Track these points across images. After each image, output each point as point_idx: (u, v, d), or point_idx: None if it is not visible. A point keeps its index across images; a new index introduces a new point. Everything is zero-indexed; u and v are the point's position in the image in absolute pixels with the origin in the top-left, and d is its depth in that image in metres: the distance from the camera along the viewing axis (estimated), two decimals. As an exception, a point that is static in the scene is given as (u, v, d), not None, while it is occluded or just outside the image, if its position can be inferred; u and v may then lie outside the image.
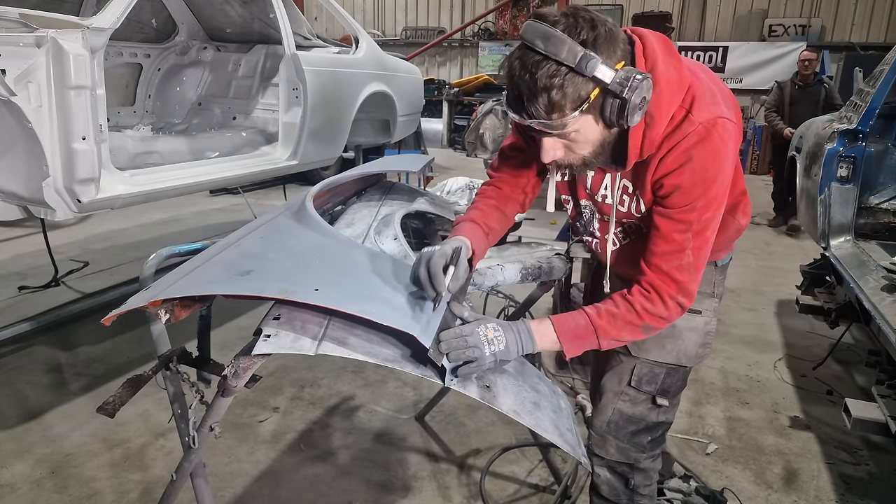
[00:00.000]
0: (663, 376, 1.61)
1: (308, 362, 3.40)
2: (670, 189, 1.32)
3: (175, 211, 6.77)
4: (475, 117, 7.99)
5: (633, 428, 1.64)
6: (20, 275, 4.67)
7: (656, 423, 1.65)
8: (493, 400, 1.23)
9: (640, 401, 1.63)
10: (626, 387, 1.62)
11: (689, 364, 1.61)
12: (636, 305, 1.38)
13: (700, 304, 1.55)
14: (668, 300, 1.37)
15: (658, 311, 1.37)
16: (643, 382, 1.61)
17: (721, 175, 1.31)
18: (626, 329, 1.38)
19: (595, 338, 1.38)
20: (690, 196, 1.31)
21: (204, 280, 1.30)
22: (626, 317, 1.37)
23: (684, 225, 1.34)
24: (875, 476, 2.63)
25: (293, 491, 2.43)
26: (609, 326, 1.37)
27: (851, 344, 3.79)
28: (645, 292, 1.38)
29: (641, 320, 1.37)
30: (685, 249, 1.35)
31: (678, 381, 1.64)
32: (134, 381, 1.39)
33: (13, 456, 2.58)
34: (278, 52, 4.30)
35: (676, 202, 1.33)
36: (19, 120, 2.43)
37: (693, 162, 1.28)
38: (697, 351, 1.61)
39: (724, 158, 1.30)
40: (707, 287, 1.59)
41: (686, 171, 1.29)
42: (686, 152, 1.28)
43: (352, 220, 1.92)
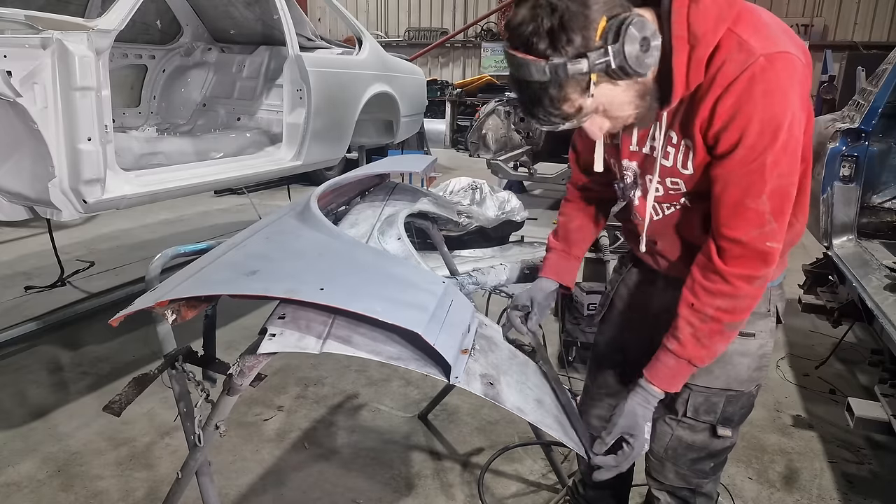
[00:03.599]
0: (723, 405, 1.45)
1: (312, 361, 3.41)
2: (733, 140, 1.17)
3: (180, 211, 6.80)
4: (478, 118, 8.01)
5: (694, 455, 1.51)
6: (26, 275, 4.69)
7: (720, 450, 1.52)
8: (496, 397, 1.24)
9: (700, 430, 1.48)
10: (683, 416, 1.48)
11: (743, 389, 1.45)
12: (707, 310, 1.26)
13: (753, 325, 1.41)
14: (742, 283, 1.23)
15: (734, 303, 1.25)
16: (700, 412, 1.46)
17: (793, 120, 1.15)
18: (713, 340, 1.28)
19: (692, 367, 1.31)
20: (758, 144, 1.15)
21: (211, 280, 1.31)
22: (705, 328, 1.27)
23: (755, 182, 1.18)
24: (878, 475, 2.63)
25: (297, 489, 2.44)
26: (698, 350, 1.28)
27: (854, 343, 3.79)
28: (709, 284, 1.26)
29: (721, 323, 1.26)
30: (763, 214, 1.20)
31: (741, 407, 1.48)
32: (140, 380, 1.40)
33: (19, 454, 2.59)
34: (282, 53, 4.31)
35: (741, 155, 1.17)
36: (25, 121, 2.44)
37: (754, 98, 1.13)
38: (751, 375, 1.45)
39: (792, 100, 1.15)
40: (762, 306, 1.43)
41: (747, 111, 1.14)
42: (747, 90, 1.13)
43: (356, 221, 1.93)
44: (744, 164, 1.18)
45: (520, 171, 7.25)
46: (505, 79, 15.55)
